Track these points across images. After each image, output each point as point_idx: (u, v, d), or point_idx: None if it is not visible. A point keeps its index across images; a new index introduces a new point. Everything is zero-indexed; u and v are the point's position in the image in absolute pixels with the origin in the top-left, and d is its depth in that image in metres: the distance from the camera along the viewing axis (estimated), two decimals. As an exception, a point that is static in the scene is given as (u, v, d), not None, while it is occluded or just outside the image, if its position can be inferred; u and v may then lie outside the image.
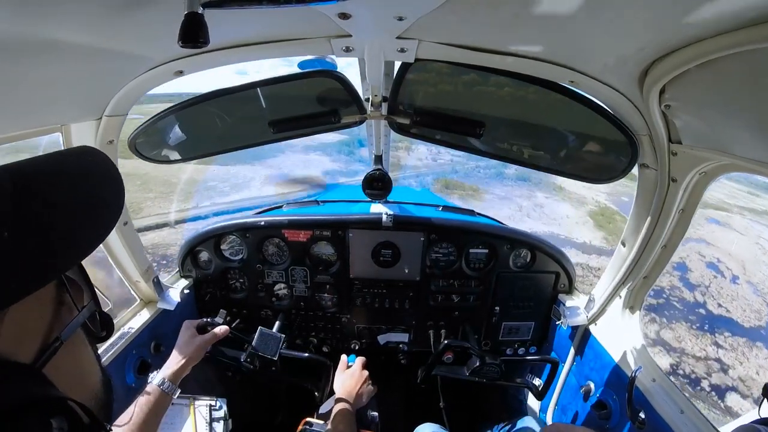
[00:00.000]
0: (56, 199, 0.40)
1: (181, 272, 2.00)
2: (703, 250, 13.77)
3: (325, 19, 0.82)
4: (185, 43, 0.62)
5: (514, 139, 1.50)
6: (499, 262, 1.94)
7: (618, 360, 1.49)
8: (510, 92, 1.30)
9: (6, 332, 0.37)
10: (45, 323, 0.44)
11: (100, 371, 0.53)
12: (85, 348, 0.51)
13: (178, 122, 1.46)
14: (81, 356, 0.50)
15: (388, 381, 2.04)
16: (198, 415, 1.57)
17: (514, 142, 1.51)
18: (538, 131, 1.45)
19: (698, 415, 1.21)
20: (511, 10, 0.79)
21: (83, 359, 0.50)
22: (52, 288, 0.46)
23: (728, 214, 18.04)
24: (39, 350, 0.41)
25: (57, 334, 0.44)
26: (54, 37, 0.73)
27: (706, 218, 16.42)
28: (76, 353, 0.48)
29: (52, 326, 0.44)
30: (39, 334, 0.42)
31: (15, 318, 0.38)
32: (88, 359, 0.51)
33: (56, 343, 0.43)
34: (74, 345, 0.47)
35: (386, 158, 2.16)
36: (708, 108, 0.94)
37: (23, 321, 0.40)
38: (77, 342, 0.49)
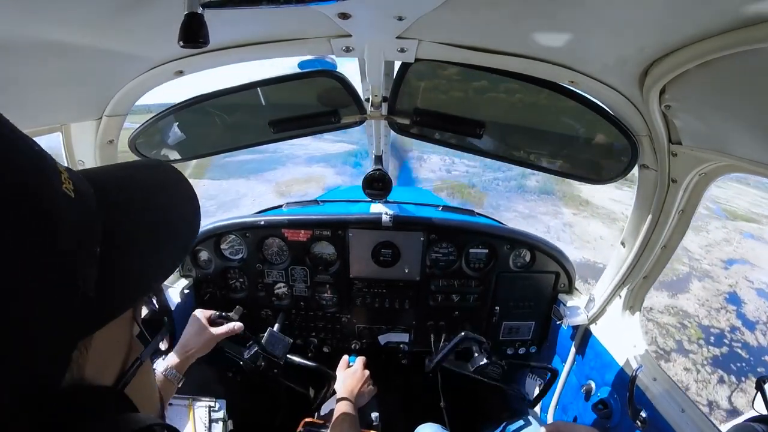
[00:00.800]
0: (138, 214, 0.39)
1: (180, 272, 1.99)
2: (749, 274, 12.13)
3: (325, 19, 0.82)
4: (185, 43, 0.62)
5: (514, 139, 1.50)
6: (499, 262, 1.94)
7: (619, 359, 1.49)
8: (510, 92, 1.30)
9: (93, 355, 0.35)
10: (125, 344, 0.42)
11: (156, 386, 0.53)
12: (149, 366, 0.50)
13: (178, 122, 1.46)
14: (148, 375, 0.49)
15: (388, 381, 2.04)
16: (197, 416, 1.57)
17: (514, 142, 1.51)
18: (538, 131, 1.45)
19: (699, 415, 1.21)
20: (511, 10, 0.79)
21: (150, 377, 0.49)
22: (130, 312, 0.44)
23: (759, 226, 16.23)
24: (120, 372, 0.40)
25: (137, 354, 0.43)
26: (54, 37, 0.73)
27: (740, 232, 15.02)
28: (145, 372, 0.47)
29: (131, 346, 0.43)
30: (120, 356, 0.41)
31: (101, 339, 0.36)
32: (152, 376, 0.51)
33: (136, 363, 0.42)
34: (147, 363, 0.47)
35: (386, 158, 2.16)
36: (708, 108, 0.94)
37: (107, 342, 0.38)
38: (146, 361, 0.47)
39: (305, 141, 26.92)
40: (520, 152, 1.51)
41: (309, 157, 24.80)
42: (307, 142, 26.51)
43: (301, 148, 25.59)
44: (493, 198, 19.31)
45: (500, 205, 18.35)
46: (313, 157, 24.91)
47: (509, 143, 1.52)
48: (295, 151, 24.75)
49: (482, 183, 21.54)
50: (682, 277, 11.34)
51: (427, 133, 1.50)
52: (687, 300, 10.21)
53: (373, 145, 2.02)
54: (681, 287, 10.81)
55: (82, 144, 1.24)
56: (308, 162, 24.04)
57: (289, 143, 26.25)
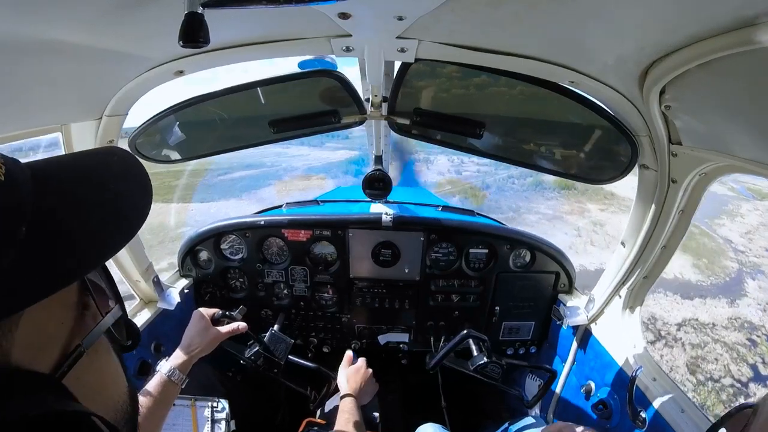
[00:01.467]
0: (80, 196, 0.39)
1: (180, 272, 1.99)
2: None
3: (325, 19, 0.82)
4: (185, 43, 0.62)
5: (514, 139, 1.50)
6: (499, 262, 1.94)
7: (618, 359, 1.49)
8: (510, 92, 1.30)
9: (22, 338, 0.34)
10: (66, 329, 0.40)
11: (126, 382, 0.49)
12: (109, 357, 0.47)
13: (178, 122, 1.46)
14: (104, 366, 0.46)
15: (388, 381, 2.05)
16: (199, 416, 1.57)
17: (514, 142, 1.51)
18: (538, 132, 1.45)
19: (699, 415, 1.21)
20: (511, 10, 0.78)
21: (107, 369, 0.47)
22: (74, 291, 0.42)
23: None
24: (59, 358, 0.38)
25: (79, 341, 0.40)
26: (54, 37, 0.73)
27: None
28: (99, 363, 0.44)
29: (74, 333, 0.41)
30: (59, 341, 0.39)
31: (33, 322, 0.35)
32: (112, 369, 0.48)
33: (78, 350, 0.40)
34: (97, 354, 0.44)
35: (386, 158, 2.16)
36: (708, 109, 0.94)
37: (42, 326, 0.37)
38: (101, 350, 0.45)
39: (304, 150, 25.41)
40: (520, 152, 1.51)
41: (308, 168, 23.34)
42: (306, 151, 25.39)
43: (300, 159, 24.24)
44: (510, 199, 17.75)
45: (520, 207, 16.66)
46: (312, 168, 23.45)
47: (509, 143, 1.52)
48: (294, 162, 23.54)
49: (496, 183, 19.96)
50: (733, 276, 10.30)
51: (427, 134, 1.51)
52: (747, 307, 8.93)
53: (373, 146, 2.02)
54: (736, 290, 9.62)
55: (82, 144, 1.24)
56: (307, 172, 22.61)
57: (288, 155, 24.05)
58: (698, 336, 8.40)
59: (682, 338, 8.16)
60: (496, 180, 20.31)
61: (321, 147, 26.51)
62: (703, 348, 7.93)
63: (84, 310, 0.43)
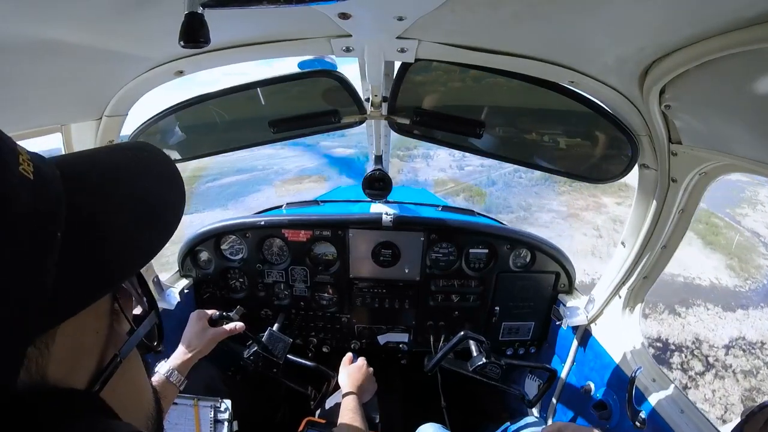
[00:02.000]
0: (112, 195, 0.35)
1: (180, 272, 2.00)
2: None
3: (325, 19, 0.82)
4: (186, 43, 0.62)
5: (514, 139, 1.50)
6: (499, 262, 1.94)
7: (618, 360, 1.49)
8: (510, 92, 1.30)
9: (58, 353, 0.31)
10: (101, 340, 0.37)
11: (151, 387, 0.48)
12: (139, 365, 0.45)
13: (179, 122, 1.46)
14: (136, 375, 0.44)
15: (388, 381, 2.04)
16: (202, 416, 1.57)
17: (514, 142, 1.51)
18: (539, 131, 1.45)
19: (698, 415, 1.21)
20: (511, 10, 0.78)
21: (138, 378, 0.44)
22: (107, 298, 0.39)
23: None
24: (95, 371, 0.36)
25: (114, 351, 0.38)
26: (54, 37, 0.73)
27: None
28: (131, 372, 0.42)
29: (109, 343, 0.38)
30: (95, 353, 0.36)
31: (68, 335, 0.32)
32: (142, 377, 0.46)
33: (114, 361, 0.37)
34: (130, 362, 0.41)
35: (386, 158, 2.16)
36: (708, 108, 0.94)
37: (77, 338, 0.34)
38: (132, 358, 0.42)
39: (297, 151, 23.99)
40: (520, 152, 1.51)
41: (301, 170, 21.91)
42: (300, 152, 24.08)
43: (292, 160, 23.05)
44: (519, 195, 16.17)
45: (531, 205, 15.17)
46: (305, 169, 21.96)
47: (509, 143, 1.52)
48: (286, 164, 22.44)
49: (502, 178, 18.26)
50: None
51: (428, 133, 1.50)
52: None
53: (373, 145, 2.02)
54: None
55: (82, 144, 1.24)
56: (299, 175, 20.99)
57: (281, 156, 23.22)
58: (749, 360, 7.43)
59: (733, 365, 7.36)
60: (502, 175, 18.63)
61: (315, 146, 25.74)
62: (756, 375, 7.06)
63: (117, 318, 0.41)
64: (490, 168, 19.51)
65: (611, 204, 14.61)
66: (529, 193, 16.73)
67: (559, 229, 13.63)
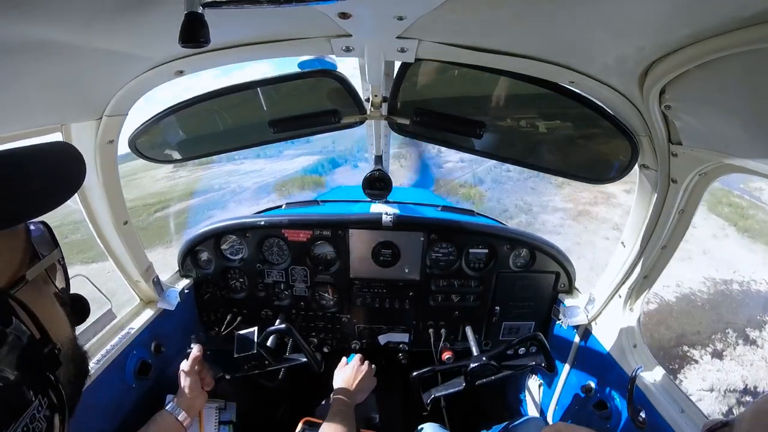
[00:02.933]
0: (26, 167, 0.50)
1: (181, 272, 2.00)
2: None
3: (325, 19, 0.82)
4: (186, 43, 0.62)
5: (514, 139, 1.50)
6: (499, 262, 1.94)
7: (618, 359, 1.49)
8: (510, 93, 1.30)
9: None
10: (14, 263, 0.50)
11: (72, 335, 0.59)
12: (52, 305, 0.57)
13: (179, 122, 1.46)
14: (48, 308, 0.55)
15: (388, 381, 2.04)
16: (206, 418, 1.57)
17: (514, 142, 1.51)
18: (538, 132, 1.45)
19: (699, 414, 1.21)
20: (512, 10, 0.79)
21: (50, 311, 0.55)
22: (23, 240, 0.53)
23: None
24: (7, 283, 0.48)
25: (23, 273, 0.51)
26: (54, 37, 0.73)
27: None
28: (42, 302, 0.53)
29: (20, 268, 0.51)
30: (8, 269, 0.49)
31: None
32: (55, 314, 0.57)
33: (23, 281, 0.50)
34: (42, 294, 0.54)
35: (386, 158, 2.16)
36: (708, 109, 0.94)
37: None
38: (45, 295, 0.55)
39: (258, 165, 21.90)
40: (520, 152, 1.51)
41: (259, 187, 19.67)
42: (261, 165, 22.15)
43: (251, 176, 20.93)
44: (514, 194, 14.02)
45: (532, 206, 13.35)
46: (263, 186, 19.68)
47: (509, 143, 1.52)
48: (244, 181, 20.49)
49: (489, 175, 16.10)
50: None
51: (428, 134, 1.51)
52: None
53: (373, 146, 2.02)
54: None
55: (82, 144, 1.24)
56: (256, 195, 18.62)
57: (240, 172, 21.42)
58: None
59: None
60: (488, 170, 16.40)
61: (278, 157, 24.09)
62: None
63: (33, 259, 0.54)
64: (472, 162, 17.45)
65: (620, 193, 12.68)
66: (525, 190, 14.61)
67: (573, 233, 11.56)
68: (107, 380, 1.39)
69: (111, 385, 1.43)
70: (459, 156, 17.53)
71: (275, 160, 23.62)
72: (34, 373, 0.45)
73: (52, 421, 0.46)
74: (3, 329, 0.42)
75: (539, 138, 1.45)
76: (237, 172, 22.24)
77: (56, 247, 0.60)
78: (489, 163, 16.67)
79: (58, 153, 0.59)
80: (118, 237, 1.46)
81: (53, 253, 0.59)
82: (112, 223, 1.42)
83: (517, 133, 1.48)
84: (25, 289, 0.50)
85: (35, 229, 0.57)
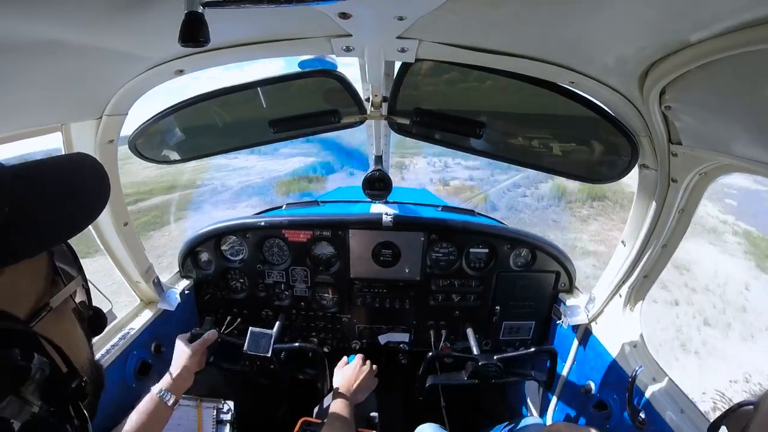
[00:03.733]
0: (48, 188, 0.48)
1: (181, 272, 1.99)
2: None
3: (325, 19, 0.82)
4: (185, 43, 0.62)
5: (514, 139, 1.50)
6: (499, 262, 1.94)
7: (618, 359, 1.49)
8: (510, 93, 1.30)
9: (2, 287, 0.43)
10: (38, 291, 0.50)
11: (93, 358, 0.59)
12: (73, 327, 0.56)
13: (178, 122, 1.46)
14: (69, 332, 0.55)
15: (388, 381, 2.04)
16: (205, 417, 1.57)
17: (514, 142, 1.51)
18: (538, 131, 1.45)
19: (699, 415, 1.21)
20: (511, 10, 0.78)
21: (72, 335, 0.55)
22: (45, 265, 0.52)
23: None
24: (30, 313, 0.47)
25: (47, 300, 0.50)
26: (54, 37, 0.73)
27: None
28: (65, 326, 0.54)
29: (44, 295, 0.50)
30: (31, 298, 0.48)
31: (11, 278, 0.45)
32: (76, 337, 0.57)
33: (46, 307, 0.49)
34: (63, 318, 0.54)
35: (386, 158, 2.16)
36: (708, 109, 0.94)
37: (17, 282, 0.46)
38: (65, 317, 0.55)
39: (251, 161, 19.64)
40: (520, 152, 1.51)
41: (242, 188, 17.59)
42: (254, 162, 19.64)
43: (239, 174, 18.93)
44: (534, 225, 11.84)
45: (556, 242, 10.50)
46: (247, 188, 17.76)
47: (509, 143, 1.52)
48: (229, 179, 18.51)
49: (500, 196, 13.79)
50: None
51: (428, 133, 1.50)
52: None
53: (373, 146, 2.02)
54: None
55: (82, 144, 1.24)
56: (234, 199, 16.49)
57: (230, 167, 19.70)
58: None
59: None
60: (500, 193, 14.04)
61: (272, 155, 22.66)
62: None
63: (53, 283, 0.53)
64: (481, 182, 14.88)
65: None
66: (545, 222, 12.40)
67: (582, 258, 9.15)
68: (107, 380, 1.38)
69: (111, 384, 1.42)
70: (468, 173, 15.55)
71: (269, 158, 22.51)
72: (62, 405, 0.46)
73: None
74: (27, 365, 0.42)
75: (539, 138, 1.45)
76: (226, 167, 21.01)
77: (80, 272, 0.59)
78: (503, 185, 14.76)
79: (82, 167, 0.57)
80: (118, 238, 1.46)
81: (77, 279, 0.58)
82: (112, 223, 1.42)
83: (516, 133, 1.48)
84: (49, 318, 0.49)
85: (58, 251, 0.56)
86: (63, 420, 0.45)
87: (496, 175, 14.17)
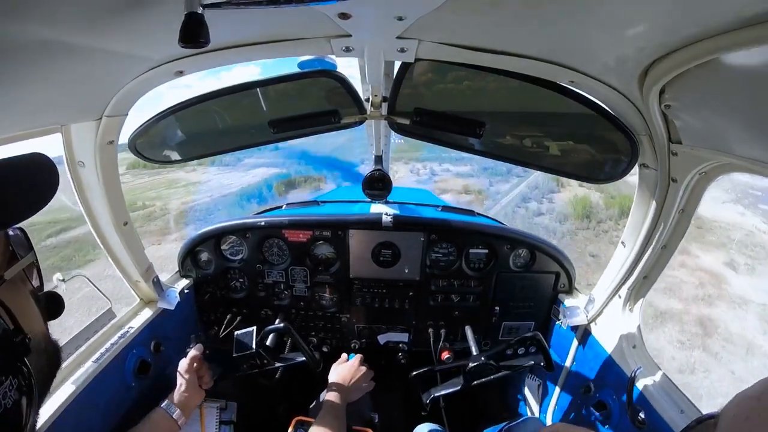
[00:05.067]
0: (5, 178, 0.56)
1: (181, 272, 2.00)
2: None
3: (325, 19, 0.82)
4: (185, 43, 0.62)
5: (514, 138, 1.50)
6: (499, 262, 1.94)
7: (618, 360, 1.49)
8: (510, 92, 1.30)
9: None
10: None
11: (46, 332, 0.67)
12: (28, 302, 0.64)
13: (178, 122, 1.46)
14: (23, 305, 0.62)
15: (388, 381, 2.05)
16: (207, 417, 1.57)
17: (514, 141, 1.51)
18: (538, 131, 1.45)
19: (698, 415, 1.20)
20: (511, 10, 0.79)
21: (25, 307, 0.62)
22: (2, 246, 0.61)
23: None
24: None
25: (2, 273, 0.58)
26: (53, 38, 0.73)
27: None
28: (18, 300, 0.60)
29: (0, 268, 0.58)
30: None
31: None
32: (30, 311, 0.64)
33: (1, 280, 0.57)
34: (17, 293, 0.61)
35: (386, 159, 2.16)
36: (708, 108, 0.94)
37: None
38: (21, 293, 0.63)
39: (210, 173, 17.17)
40: (520, 152, 1.51)
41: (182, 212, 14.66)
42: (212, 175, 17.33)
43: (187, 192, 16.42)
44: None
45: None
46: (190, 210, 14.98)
47: (509, 142, 1.52)
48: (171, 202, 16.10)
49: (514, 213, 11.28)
50: None
51: (428, 133, 1.50)
52: None
53: (373, 146, 2.02)
54: None
55: (82, 144, 1.24)
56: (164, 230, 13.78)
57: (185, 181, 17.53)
58: None
59: None
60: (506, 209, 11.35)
61: (234, 166, 20.30)
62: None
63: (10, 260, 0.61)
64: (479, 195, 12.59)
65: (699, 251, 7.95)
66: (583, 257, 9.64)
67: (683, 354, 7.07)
68: (106, 379, 1.39)
69: (110, 383, 1.43)
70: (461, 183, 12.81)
71: (229, 170, 19.71)
72: (6, 358, 0.53)
73: (20, 402, 0.53)
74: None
75: (539, 137, 1.45)
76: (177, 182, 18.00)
77: (31, 250, 0.68)
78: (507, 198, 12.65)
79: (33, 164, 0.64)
80: (118, 237, 1.46)
81: (29, 256, 0.66)
82: (112, 223, 1.42)
83: (516, 133, 1.48)
84: (3, 287, 0.57)
85: (13, 234, 0.65)
86: (6, 372, 0.51)
87: (496, 185, 12.01)
